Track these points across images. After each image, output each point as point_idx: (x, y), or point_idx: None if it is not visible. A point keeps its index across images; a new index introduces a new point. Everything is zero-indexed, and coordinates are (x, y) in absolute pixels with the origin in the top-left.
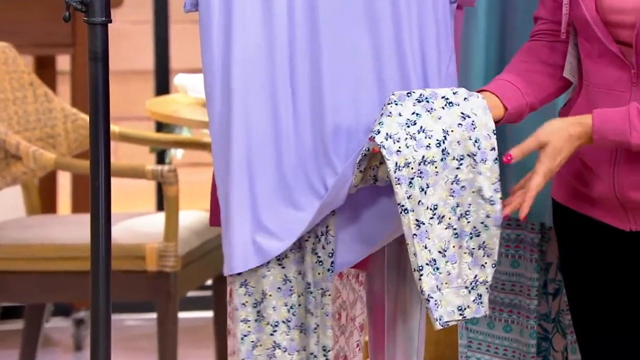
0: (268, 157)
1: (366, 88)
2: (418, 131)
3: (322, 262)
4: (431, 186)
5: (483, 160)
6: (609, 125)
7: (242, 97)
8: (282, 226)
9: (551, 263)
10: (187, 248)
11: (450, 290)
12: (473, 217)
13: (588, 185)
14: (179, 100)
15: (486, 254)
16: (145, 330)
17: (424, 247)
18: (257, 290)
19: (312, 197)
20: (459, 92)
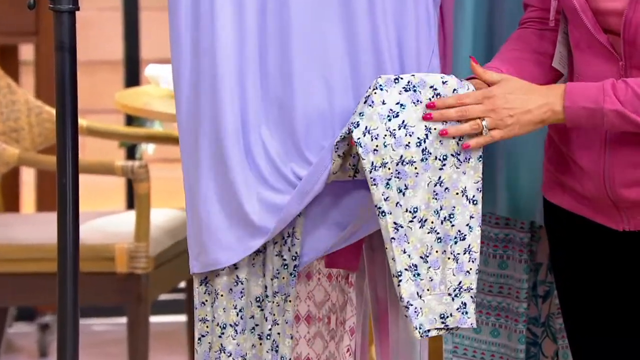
0: (238, 146)
1: (339, 79)
2: (399, 126)
3: (287, 265)
4: (410, 188)
5: (467, 159)
6: (581, 91)
7: (211, 85)
8: (262, 215)
9: (541, 264)
10: (159, 248)
11: (433, 297)
12: (458, 219)
13: (578, 183)
14: (150, 92)
15: (471, 259)
16: (115, 336)
17: (402, 251)
18: (213, 289)
19: (285, 183)
20: (449, 82)
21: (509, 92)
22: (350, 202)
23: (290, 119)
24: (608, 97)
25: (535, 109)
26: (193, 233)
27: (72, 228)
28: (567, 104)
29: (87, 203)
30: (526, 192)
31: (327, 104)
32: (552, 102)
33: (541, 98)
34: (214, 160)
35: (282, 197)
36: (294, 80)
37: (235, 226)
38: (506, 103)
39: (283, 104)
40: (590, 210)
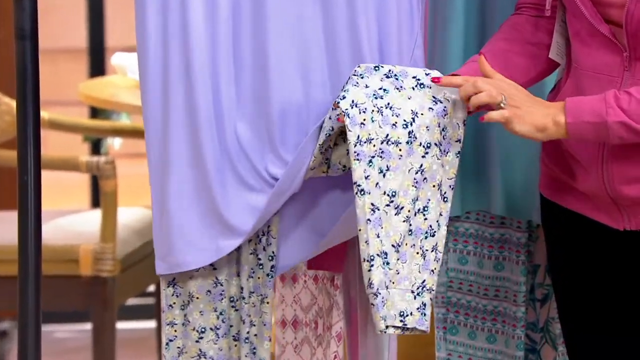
0: (212, 140)
1: (317, 73)
2: (385, 106)
3: (262, 265)
4: (392, 170)
5: (445, 152)
6: (584, 106)
7: (181, 77)
8: (237, 213)
9: (539, 265)
10: (126, 250)
11: (397, 291)
12: (432, 214)
13: (577, 180)
14: (116, 82)
15: (436, 259)
16: (79, 343)
17: (376, 235)
18: (185, 291)
19: (260, 181)
20: (432, 74)
21: (518, 91)
22: (330, 210)
23: (266, 114)
24: (611, 109)
25: (538, 113)
26: (160, 232)
27: (34, 228)
28: (570, 120)
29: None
30: (523, 189)
31: (304, 98)
32: (554, 113)
33: (544, 108)
34: (186, 154)
35: (257, 196)
36: (269, 73)
37: (208, 225)
38: (515, 95)
39: (258, 97)
40: (590, 209)
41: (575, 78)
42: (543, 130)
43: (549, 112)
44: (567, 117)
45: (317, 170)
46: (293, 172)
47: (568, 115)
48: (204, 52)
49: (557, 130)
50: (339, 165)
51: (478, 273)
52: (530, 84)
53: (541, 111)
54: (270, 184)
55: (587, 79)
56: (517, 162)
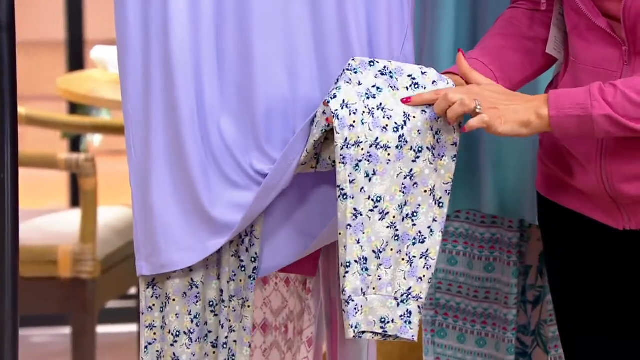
0: (194, 136)
1: (304, 66)
2: (377, 107)
3: (244, 267)
4: (379, 174)
5: (440, 156)
6: (567, 99)
7: (162, 72)
8: (222, 211)
9: (530, 266)
10: (106, 251)
11: (377, 297)
12: (421, 219)
13: (576, 178)
14: (96, 76)
15: (427, 266)
16: (58, 348)
17: (356, 241)
18: (163, 292)
19: (245, 178)
20: (428, 73)
21: (493, 91)
22: (318, 208)
23: (250, 109)
24: (596, 102)
25: (520, 108)
26: (143, 231)
27: (11, 228)
28: (553, 113)
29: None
30: (515, 187)
31: (290, 93)
32: (537, 106)
33: (525, 101)
34: (168, 151)
35: (242, 193)
36: (254, 67)
37: (193, 223)
38: (490, 97)
39: (242, 92)
40: (588, 208)
41: (573, 73)
42: (527, 125)
43: (531, 105)
44: (550, 110)
45: (306, 165)
46: (283, 167)
47: (551, 108)
48: (186, 45)
49: (540, 124)
50: (328, 161)
51: (468, 274)
52: (526, 81)
53: (522, 106)
54: (255, 181)
55: (585, 74)
56: (509, 160)
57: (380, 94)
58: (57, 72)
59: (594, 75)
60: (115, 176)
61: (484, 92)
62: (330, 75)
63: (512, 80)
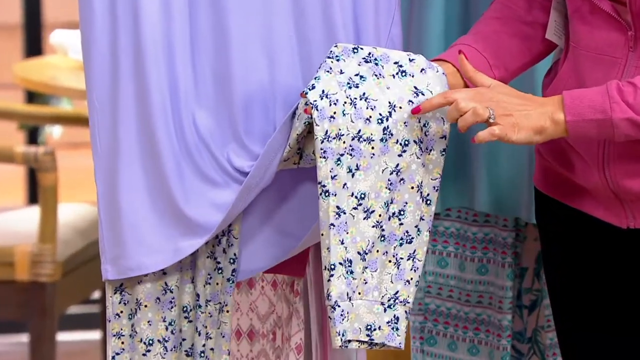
0: (167, 128)
1: (285, 52)
2: (360, 97)
3: (222, 269)
4: (362, 169)
5: (428, 150)
6: (584, 102)
7: (130, 58)
8: (198, 210)
9: (526, 268)
10: (68, 252)
11: (363, 302)
12: (408, 218)
13: (576, 172)
14: (56, 63)
15: (414, 268)
16: (15, 357)
17: (340, 242)
18: (133, 298)
19: (223, 174)
20: (417, 60)
21: (504, 94)
22: (301, 206)
23: (228, 98)
24: (616, 104)
25: (534, 114)
26: (109, 232)
27: None
28: (570, 118)
29: None
30: (509, 183)
31: (270, 81)
32: (551, 111)
33: (538, 105)
34: (138, 144)
35: (219, 191)
36: (231, 53)
37: (166, 223)
38: (503, 102)
39: (219, 80)
40: (590, 205)
41: (574, 60)
42: (541, 132)
43: (546, 110)
44: (566, 115)
45: (289, 161)
46: (264, 165)
47: (567, 113)
48: (157, 29)
49: (555, 129)
50: (312, 156)
51: (459, 277)
52: (523, 69)
53: (536, 111)
54: (234, 177)
55: (587, 61)
56: (504, 154)
57: (364, 83)
58: (13, 58)
59: (597, 62)
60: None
61: (497, 96)
62: (312, 60)
63: (508, 68)
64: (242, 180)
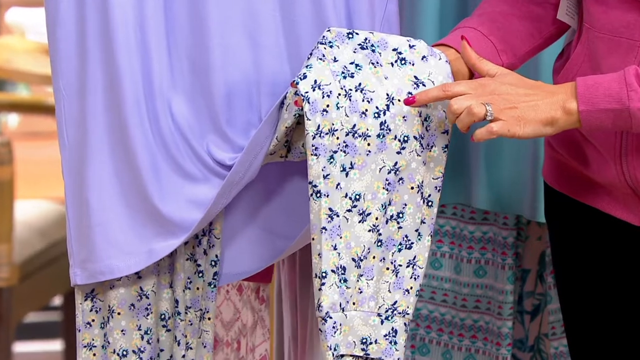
0: (140, 119)
1: (269, 35)
2: (355, 88)
3: (203, 272)
4: (357, 168)
5: (429, 146)
6: (599, 90)
7: (100, 40)
8: (175, 208)
9: (529, 271)
10: (26, 253)
11: (358, 314)
12: (408, 222)
13: (590, 165)
14: (12, 45)
15: (414, 276)
16: None
17: (332, 247)
18: (105, 305)
19: (203, 168)
20: (418, 46)
21: (509, 84)
22: (289, 203)
23: (207, 86)
24: (634, 92)
25: (543, 104)
26: (77, 232)
27: None
28: (583, 108)
29: None
30: (511, 176)
31: (253, 66)
32: (563, 100)
33: (548, 94)
34: (108, 136)
35: (198, 187)
36: (210, 36)
37: (139, 222)
38: (507, 94)
39: (196, 66)
40: (604, 201)
41: (588, 42)
42: (552, 124)
43: (556, 99)
44: (580, 104)
45: (276, 155)
46: (248, 158)
47: (581, 102)
48: (127, 9)
49: (568, 120)
50: (301, 149)
51: (455, 280)
52: (533, 53)
53: (546, 101)
54: (214, 171)
55: (602, 43)
56: (505, 144)
57: (360, 72)
58: None
59: (613, 45)
60: (36, 164)
61: (500, 87)
62: (300, 43)
63: (516, 53)
64: (223, 175)
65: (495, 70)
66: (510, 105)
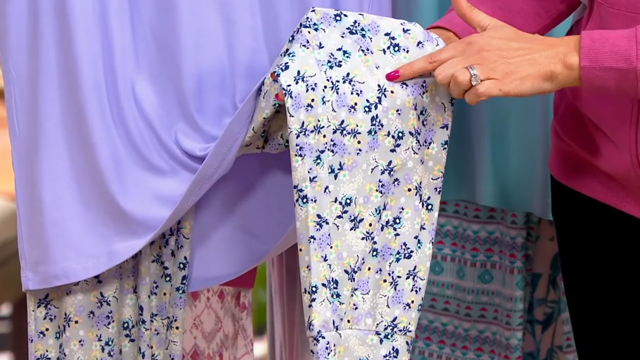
0: (100, 105)
1: (244, 12)
2: (344, 79)
3: (170, 276)
4: (347, 169)
5: (427, 143)
6: (606, 46)
7: (54, 18)
8: (139, 204)
9: (540, 275)
10: None
11: (354, 333)
12: (406, 227)
13: (601, 157)
14: None
15: (415, 288)
16: None
17: (322, 258)
18: (61, 312)
19: (170, 159)
20: (413, 31)
21: (501, 38)
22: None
23: (174, 68)
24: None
25: (540, 57)
26: (29, 230)
27: None
28: (585, 64)
29: None
30: (520, 170)
31: (226, 46)
32: (563, 52)
33: (547, 46)
34: (64, 124)
35: (165, 181)
36: (178, 12)
37: (100, 220)
38: (498, 49)
39: (164, 45)
40: (618, 197)
41: (600, 19)
42: (552, 79)
43: (556, 51)
44: (582, 59)
45: (251, 146)
46: (222, 151)
47: (584, 57)
48: None
49: (569, 75)
50: (279, 140)
51: (457, 285)
52: (541, 33)
53: (544, 53)
54: (183, 163)
55: (616, 20)
56: (512, 133)
57: (348, 61)
58: None
59: (628, 21)
60: None
61: (491, 42)
62: (278, 22)
63: None
64: (192, 167)
65: (487, 22)
66: (502, 61)
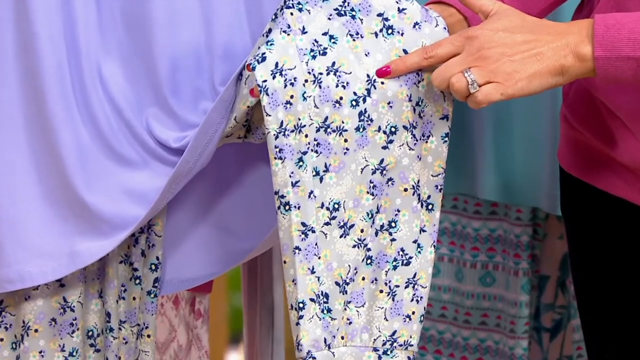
0: (63, 89)
1: None
2: (328, 70)
3: (140, 279)
4: (333, 170)
5: (424, 137)
6: (622, 33)
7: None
8: (106, 200)
9: (548, 277)
10: None
11: (349, 350)
12: (403, 231)
13: (617, 146)
14: None
15: (415, 298)
16: None
17: (309, 270)
18: (18, 320)
19: (141, 149)
20: (409, 10)
21: (504, 30)
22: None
23: (146, 47)
24: None
25: (548, 51)
26: None
27: None
28: (600, 53)
29: None
30: (525, 161)
31: (204, 23)
32: (574, 42)
33: (555, 37)
34: (22, 110)
35: (135, 174)
36: None
37: (61, 217)
38: (501, 44)
39: (133, 21)
40: (635, 190)
41: None
42: (562, 73)
43: (566, 42)
44: (595, 49)
45: (232, 136)
46: (200, 144)
47: (598, 46)
48: None
49: (581, 67)
50: (264, 130)
51: (456, 289)
52: (549, 11)
53: (552, 46)
54: (156, 155)
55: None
56: (517, 122)
57: (334, 47)
58: None
59: None
60: None
61: (493, 37)
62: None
63: (530, 11)
64: (166, 159)
65: (490, 6)
66: (504, 60)
